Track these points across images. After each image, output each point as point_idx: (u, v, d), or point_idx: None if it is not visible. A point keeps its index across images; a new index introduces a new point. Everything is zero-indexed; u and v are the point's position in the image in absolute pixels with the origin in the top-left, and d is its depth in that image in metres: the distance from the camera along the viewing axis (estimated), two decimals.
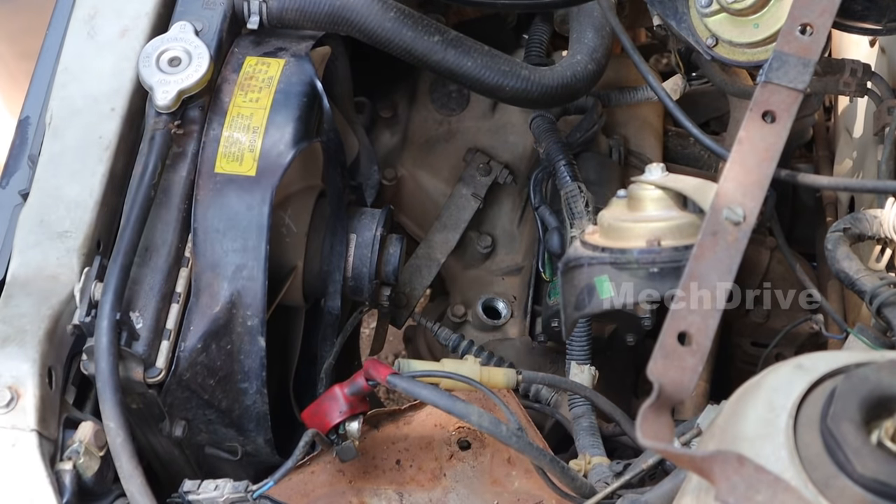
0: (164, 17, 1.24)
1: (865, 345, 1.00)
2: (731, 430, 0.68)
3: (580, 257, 1.11)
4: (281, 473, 1.03)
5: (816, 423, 0.64)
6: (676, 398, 0.77)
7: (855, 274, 1.01)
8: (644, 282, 1.05)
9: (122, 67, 1.20)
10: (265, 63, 1.21)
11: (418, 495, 1.16)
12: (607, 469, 1.11)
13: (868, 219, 1.09)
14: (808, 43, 0.97)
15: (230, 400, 1.15)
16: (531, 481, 1.15)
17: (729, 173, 0.90)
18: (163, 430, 1.15)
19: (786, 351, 1.45)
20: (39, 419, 1.00)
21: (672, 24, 1.18)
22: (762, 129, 0.93)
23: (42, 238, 1.12)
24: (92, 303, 1.05)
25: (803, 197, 1.62)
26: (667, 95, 1.23)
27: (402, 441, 1.20)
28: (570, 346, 1.33)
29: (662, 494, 0.96)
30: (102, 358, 1.02)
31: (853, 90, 1.25)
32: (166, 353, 1.10)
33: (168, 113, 1.14)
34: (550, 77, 1.30)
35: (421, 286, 1.53)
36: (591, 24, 1.39)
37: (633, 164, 1.54)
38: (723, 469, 0.63)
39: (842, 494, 0.61)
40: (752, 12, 1.10)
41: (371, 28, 1.23)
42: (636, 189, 1.13)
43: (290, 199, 1.31)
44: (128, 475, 0.99)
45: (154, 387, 1.09)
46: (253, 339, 1.14)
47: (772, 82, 0.95)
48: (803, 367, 0.68)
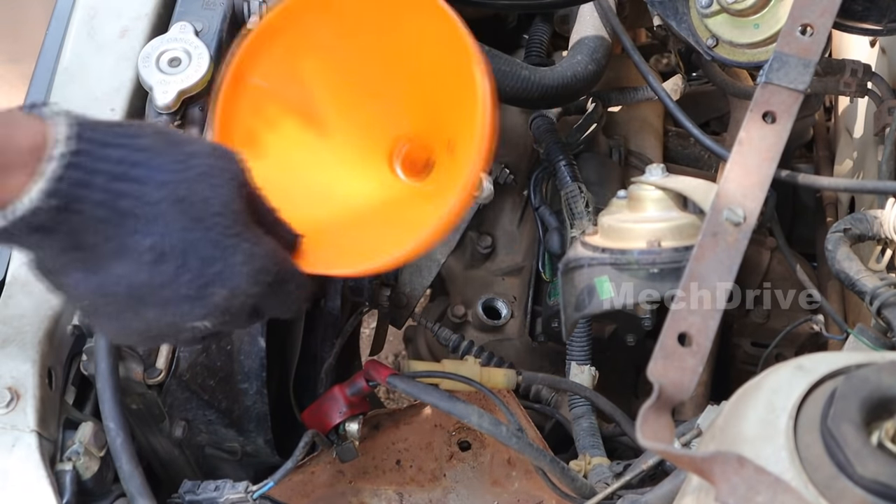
0: (164, 17, 1.24)
1: (866, 345, 1.00)
2: (731, 431, 0.68)
3: (580, 258, 1.11)
4: (281, 474, 1.03)
5: (817, 424, 0.64)
6: (677, 399, 0.77)
7: (855, 274, 1.01)
8: (644, 282, 1.05)
9: (121, 68, 1.20)
10: None
11: (418, 495, 1.16)
12: (607, 469, 1.11)
13: (868, 219, 1.09)
14: (808, 43, 0.97)
15: (230, 400, 1.15)
16: (531, 482, 1.15)
17: (729, 174, 0.90)
18: (163, 431, 1.15)
19: (786, 351, 1.45)
20: (39, 420, 1.00)
21: (672, 24, 1.18)
22: (762, 129, 0.93)
23: None
24: None
25: (803, 197, 1.62)
26: (667, 95, 1.23)
27: (402, 441, 1.20)
28: (570, 347, 1.33)
29: (662, 495, 0.96)
30: (102, 358, 1.02)
31: (853, 90, 1.25)
32: (166, 354, 1.10)
33: (168, 113, 1.14)
34: (550, 77, 1.30)
35: (421, 286, 1.53)
36: (591, 25, 1.39)
37: (633, 164, 1.54)
38: (723, 470, 0.63)
39: (842, 496, 0.61)
40: (753, 13, 1.10)
41: None
42: (636, 189, 1.13)
43: None
44: (128, 475, 0.99)
45: (154, 387, 1.09)
46: (253, 340, 1.14)
47: (772, 83, 0.95)
48: (804, 368, 0.68)
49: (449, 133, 1.03)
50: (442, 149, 1.05)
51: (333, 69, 1.06)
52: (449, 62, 0.99)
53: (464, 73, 0.95)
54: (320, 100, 1.07)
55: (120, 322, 0.81)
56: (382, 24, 1.04)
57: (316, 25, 1.04)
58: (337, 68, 1.06)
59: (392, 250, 0.92)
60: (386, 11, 1.03)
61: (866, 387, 0.64)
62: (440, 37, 0.98)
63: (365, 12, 1.03)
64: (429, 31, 1.00)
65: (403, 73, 1.05)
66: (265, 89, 1.04)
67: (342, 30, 1.05)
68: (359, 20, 1.04)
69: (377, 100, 1.06)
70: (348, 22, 1.04)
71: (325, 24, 1.04)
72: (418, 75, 1.04)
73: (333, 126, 1.07)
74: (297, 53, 1.05)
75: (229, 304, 0.80)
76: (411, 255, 0.92)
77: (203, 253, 0.78)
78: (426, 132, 1.07)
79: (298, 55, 1.05)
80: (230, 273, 0.79)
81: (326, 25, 1.04)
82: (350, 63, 1.05)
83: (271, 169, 0.98)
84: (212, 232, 0.78)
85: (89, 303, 0.80)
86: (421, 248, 0.91)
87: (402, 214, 1.04)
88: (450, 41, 0.97)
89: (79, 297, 0.80)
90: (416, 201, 1.06)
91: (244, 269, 0.80)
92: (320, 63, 1.06)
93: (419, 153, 1.08)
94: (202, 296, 0.79)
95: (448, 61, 0.99)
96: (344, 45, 1.05)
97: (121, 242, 0.76)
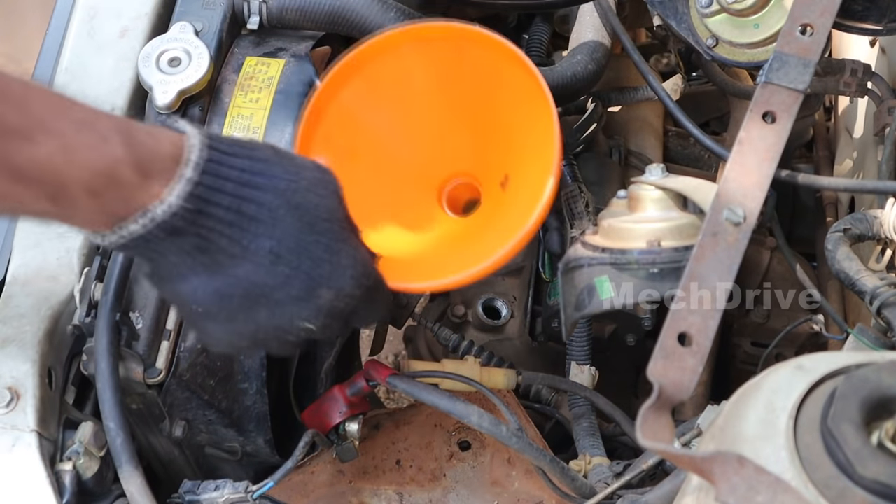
0: (164, 17, 1.24)
1: (866, 345, 1.00)
2: (731, 431, 0.68)
3: (580, 258, 1.11)
4: (281, 474, 1.03)
5: (817, 424, 0.64)
6: (677, 399, 0.77)
7: (855, 274, 1.01)
8: (644, 282, 1.05)
9: (121, 67, 1.20)
10: (265, 63, 1.21)
11: (418, 495, 1.16)
12: (607, 469, 1.11)
13: (868, 219, 1.09)
14: (808, 43, 0.97)
15: (230, 400, 1.15)
16: (531, 482, 1.15)
17: (729, 174, 0.90)
18: (163, 431, 1.15)
19: (786, 351, 1.45)
20: (39, 420, 1.00)
21: (672, 24, 1.18)
22: (762, 129, 0.93)
23: (42, 238, 1.12)
24: (92, 303, 1.05)
25: (803, 197, 1.62)
26: (667, 95, 1.23)
27: (402, 441, 1.20)
28: (570, 347, 1.33)
29: (662, 495, 0.96)
30: (102, 358, 1.02)
31: (853, 90, 1.24)
32: (166, 354, 1.10)
33: (168, 113, 1.14)
34: (550, 77, 1.30)
35: None
36: (591, 24, 1.39)
37: (633, 164, 1.53)
38: (723, 470, 0.63)
39: (842, 496, 0.61)
40: (753, 12, 1.10)
41: (371, 28, 1.22)
42: (636, 189, 1.13)
43: None
44: (128, 475, 0.99)
45: (154, 387, 1.09)
46: None
47: (772, 83, 0.95)
48: (804, 368, 0.68)
49: (506, 170, 1.12)
50: (492, 185, 1.13)
51: (403, 106, 1.15)
52: (520, 105, 1.08)
53: (534, 115, 1.05)
54: (385, 133, 1.15)
55: (231, 325, 0.86)
56: (460, 69, 1.12)
57: (393, 63, 1.13)
58: (407, 106, 1.14)
59: (453, 274, 1.01)
60: (465, 56, 1.11)
61: (866, 387, 0.64)
62: (513, 81, 1.08)
63: (445, 57, 1.13)
64: (503, 74, 1.10)
65: (471, 113, 1.13)
66: (339, 118, 1.13)
67: (418, 70, 1.13)
68: (438, 64, 1.13)
69: (439, 137, 1.15)
70: (425, 64, 1.13)
71: (400, 63, 1.13)
72: (485, 116, 1.13)
73: (394, 159, 1.15)
74: (374, 88, 1.14)
75: (333, 306, 0.87)
76: (473, 279, 1.01)
77: (314, 256, 0.84)
78: (480, 169, 1.15)
79: (376, 89, 1.14)
80: (337, 275, 0.86)
81: (402, 64, 1.13)
82: (420, 103, 1.14)
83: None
84: (323, 237, 0.85)
85: (204, 308, 0.85)
86: (482, 274, 1.00)
87: (457, 245, 1.13)
88: (523, 86, 1.07)
89: (196, 301, 0.85)
90: (472, 232, 1.13)
91: (349, 272, 0.86)
92: (392, 99, 1.14)
93: (463, 192, 1.17)
94: (311, 297, 0.85)
95: (519, 104, 1.09)
96: (417, 86, 1.14)
97: (243, 245, 0.82)
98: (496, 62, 1.09)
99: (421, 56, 1.13)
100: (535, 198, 1.00)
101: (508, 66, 1.08)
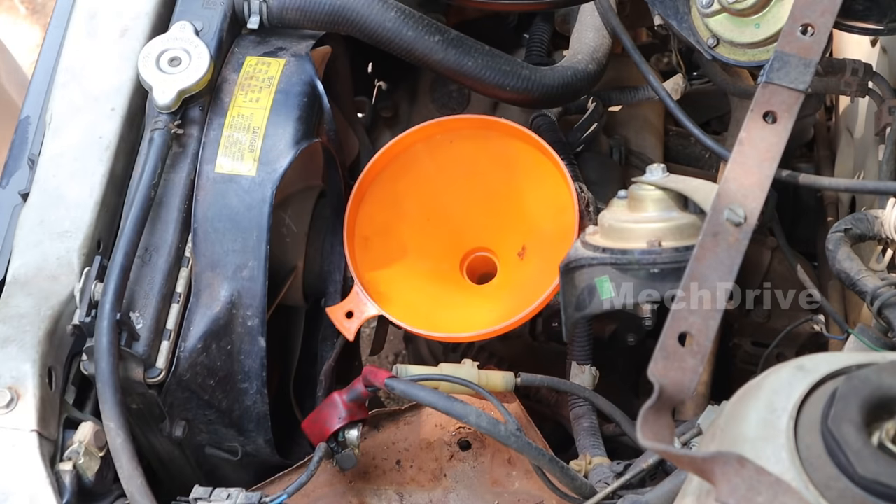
0: (164, 17, 1.24)
1: (866, 346, 1.00)
2: (732, 432, 0.68)
3: (581, 258, 1.11)
4: (295, 487, 1.03)
5: (817, 424, 0.64)
6: (677, 399, 0.77)
7: (856, 274, 1.01)
8: (645, 282, 1.05)
9: (122, 67, 1.20)
10: (265, 63, 1.21)
11: (418, 496, 1.16)
12: (607, 469, 1.11)
13: (869, 219, 1.09)
14: (809, 43, 0.97)
15: (230, 400, 1.15)
16: (531, 482, 1.15)
17: (730, 174, 0.90)
18: (163, 431, 1.15)
19: (787, 351, 1.45)
20: (39, 420, 1.00)
21: (673, 23, 1.18)
22: (763, 129, 0.93)
23: (42, 238, 1.12)
24: (92, 303, 1.05)
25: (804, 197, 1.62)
26: (668, 95, 1.22)
27: (402, 441, 1.20)
28: (570, 347, 1.33)
29: (663, 495, 0.96)
30: (102, 358, 1.02)
31: (854, 90, 1.24)
32: (166, 354, 1.10)
33: (168, 113, 1.14)
34: (551, 77, 1.30)
35: None
36: (591, 24, 1.39)
37: (633, 163, 1.53)
38: (723, 470, 0.63)
39: (842, 496, 0.61)
40: (754, 12, 1.10)
41: (371, 28, 1.23)
42: (637, 189, 1.13)
43: (290, 199, 1.31)
44: (128, 475, 0.99)
45: (154, 387, 1.09)
46: (253, 340, 1.13)
47: (773, 83, 0.95)
48: (804, 369, 0.68)
49: (524, 242, 1.28)
50: (510, 256, 1.29)
51: (432, 190, 1.31)
52: (539, 186, 1.25)
53: (553, 193, 1.23)
54: (416, 212, 1.31)
55: None
56: (483, 155, 1.29)
57: (424, 151, 1.30)
58: (434, 190, 1.31)
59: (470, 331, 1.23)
60: (488, 143, 1.29)
61: (867, 387, 0.64)
62: (533, 166, 1.25)
63: (470, 145, 1.30)
64: (522, 160, 1.26)
65: (491, 194, 1.30)
66: (380, 198, 1.29)
67: (445, 157, 1.29)
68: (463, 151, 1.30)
69: (463, 218, 1.31)
70: (452, 151, 1.29)
71: (431, 151, 1.30)
72: (505, 196, 1.29)
73: (423, 234, 1.31)
74: (408, 172, 1.30)
75: None
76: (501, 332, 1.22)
77: None
78: (498, 244, 1.31)
79: (409, 173, 1.30)
80: None
81: (432, 152, 1.30)
82: (447, 187, 1.30)
83: (379, 260, 1.28)
84: None
85: None
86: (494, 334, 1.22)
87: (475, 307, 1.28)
88: (542, 170, 1.24)
89: None
90: (488, 297, 1.29)
91: None
92: (423, 182, 1.30)
93: (480, 264, 1.34)
94: None
95: (538, 186, 1.25)
96: (446, 171, 1.30)
97: None
98: (515, 147, 1.25)
99: (448, 144, 1.28)
100: (550, 270, 1.15)
101: (526, 149, 1.25)
